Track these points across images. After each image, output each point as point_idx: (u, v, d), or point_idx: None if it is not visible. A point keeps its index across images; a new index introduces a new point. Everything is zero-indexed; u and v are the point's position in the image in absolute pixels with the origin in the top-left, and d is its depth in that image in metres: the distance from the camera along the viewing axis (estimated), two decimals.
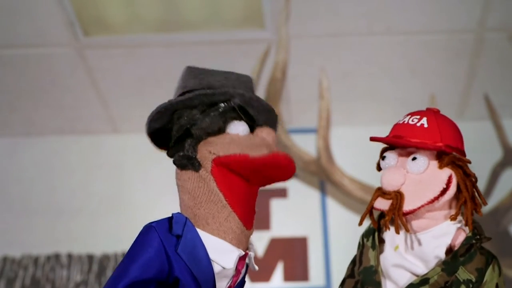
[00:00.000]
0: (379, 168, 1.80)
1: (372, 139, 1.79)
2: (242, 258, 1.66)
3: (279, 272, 4.30)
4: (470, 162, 1.73)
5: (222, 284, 1.64)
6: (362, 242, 1.85)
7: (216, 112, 1.67)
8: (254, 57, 4.03)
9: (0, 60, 4.11)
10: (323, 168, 4.10)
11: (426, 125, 1.73)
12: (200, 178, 1.65)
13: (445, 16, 3.90)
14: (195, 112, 1.67)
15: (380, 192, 1.73)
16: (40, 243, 4.37)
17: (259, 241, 4.31)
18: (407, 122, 1.76)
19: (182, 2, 3.83)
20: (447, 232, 1.71)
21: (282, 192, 4.45)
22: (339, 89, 4.24)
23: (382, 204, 1.71)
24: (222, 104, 1.67)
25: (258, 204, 1.74)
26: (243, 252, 1.65)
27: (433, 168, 1.71)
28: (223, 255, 1.61)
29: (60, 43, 4.02)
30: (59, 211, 4.46)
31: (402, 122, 1.78)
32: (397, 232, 1.68)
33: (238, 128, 1.68)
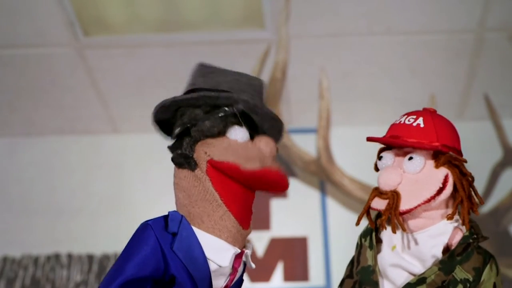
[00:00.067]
0: (377, 169, 1.81)
1: (369, 139, 1.80)
2: (239, 257, 1.66)
3: (279, 272, 4.30)
4: (466, 162, 1.73)
5: (219, 282, 1.65)
6: (360, 242, 1.85)
7: (218, 115, 1.66)
8: (254, 57, 4.03)
9: (0, 60, 4.11)
10: (323, 168, 4.10)
11: (422, 125, 1.73)
12: (196, 177, 1.65)
13: (445, 16, 3.89)
14: (198, 112, 1.67)
15: (377, 192, 1.73)
16: (40, 243, 4.38)
17: (259, 241, 4.31)
18: (403, 122, 1.76)
19: (182, 2, 3.83)
20: (444, 231, 1.71)
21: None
22: (339, 89, 4.23)
23: (379, 204, 1.71)
24: (225, 108, 1.67)
25: (258, 204, 1.74)
26: (239, 250, 1.65)
27: (429, 167, 1.71)
28: (219, 253, 1.61)
29: (60, 43, 4.02)
30: (59, 211, 4.47)
31: (399, 122, 1.78)
32: (393, 232, 1.69)
33: (237, 134, 1.68)
